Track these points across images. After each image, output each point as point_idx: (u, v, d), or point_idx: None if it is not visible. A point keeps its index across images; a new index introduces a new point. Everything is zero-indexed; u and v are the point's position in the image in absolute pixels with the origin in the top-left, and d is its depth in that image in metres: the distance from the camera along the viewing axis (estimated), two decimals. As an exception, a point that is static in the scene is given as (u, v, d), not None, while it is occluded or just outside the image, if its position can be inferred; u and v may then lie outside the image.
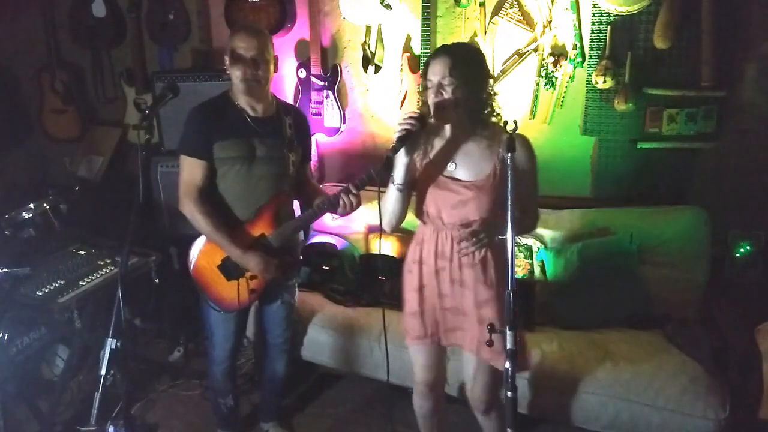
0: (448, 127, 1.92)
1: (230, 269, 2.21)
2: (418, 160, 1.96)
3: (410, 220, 2.08)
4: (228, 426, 2.61)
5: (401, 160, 1.88)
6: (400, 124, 1.83)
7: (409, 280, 2.04)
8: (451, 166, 1.91)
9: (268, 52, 2.15)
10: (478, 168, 1.88)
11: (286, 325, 2.49)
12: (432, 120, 1.86)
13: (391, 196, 1.95)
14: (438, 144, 1.94)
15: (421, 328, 2.03)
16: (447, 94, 1.79)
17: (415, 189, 1.98)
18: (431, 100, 1.83)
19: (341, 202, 2.11)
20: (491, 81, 1.91)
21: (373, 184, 2.00)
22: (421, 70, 2.84)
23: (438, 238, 1.94)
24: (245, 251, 2.15)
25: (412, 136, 1.83)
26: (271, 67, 2.18)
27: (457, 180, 1.89)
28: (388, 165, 1.90)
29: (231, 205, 2.20)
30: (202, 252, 2.25)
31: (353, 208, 2.12)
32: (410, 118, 1.82)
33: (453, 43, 2.03)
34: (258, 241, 2.19)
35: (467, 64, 1.81)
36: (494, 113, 1.89)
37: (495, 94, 1.89)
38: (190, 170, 2.17)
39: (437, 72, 1.80)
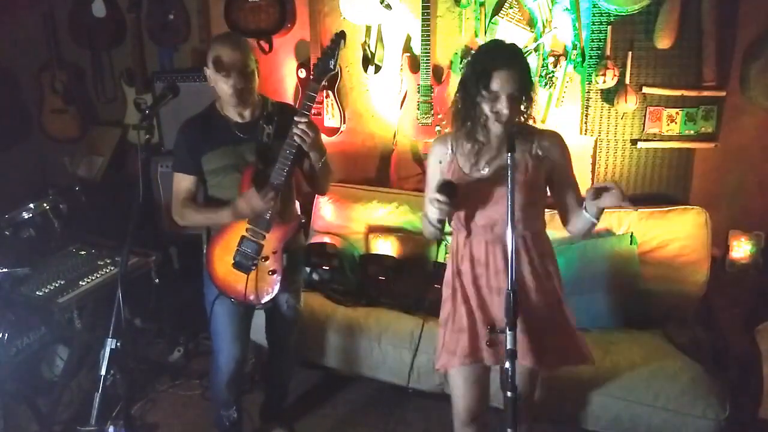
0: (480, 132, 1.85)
1: (242, 263, 2.19)
2: (448, 168, 1.88)
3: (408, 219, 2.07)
4: None
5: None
6: (431, 215, 1.80)
7: (453, 296, 1.93)
8: (485, 170, 1.85)
9: (253, 59, 2.12)
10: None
11: (291, 330, 2.47)
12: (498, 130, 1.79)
13: (428, 228, 1.91)
14: (468, 149, 1.87)
15: (470, 345, 1.86)
16: (515, 107, 1.73)
17: None
18: (503, 110, 1.72)
19: (296, 138, 2.02)
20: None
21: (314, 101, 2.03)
22: (426, 58, 2.82)
23: (472, 244, 1.88)
24: (232, 204, 2.12)
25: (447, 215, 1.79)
26: (257, 72, 2.15)
27: (488, 179, 1.84)
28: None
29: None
30: (214, 262, 2.23)
31: (309, 135, 2.02)
32: (443, 203, 1.73)
33: (510, 45, 1.91)
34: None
35: (527, 75, 1.75)
36: (531, 117, 1.85)
37: (535, 100, 1.84)
38: (180, 184, 2.21)
39: (505, 87, 1.70)
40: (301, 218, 2.36)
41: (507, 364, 1.52)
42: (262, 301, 2.22)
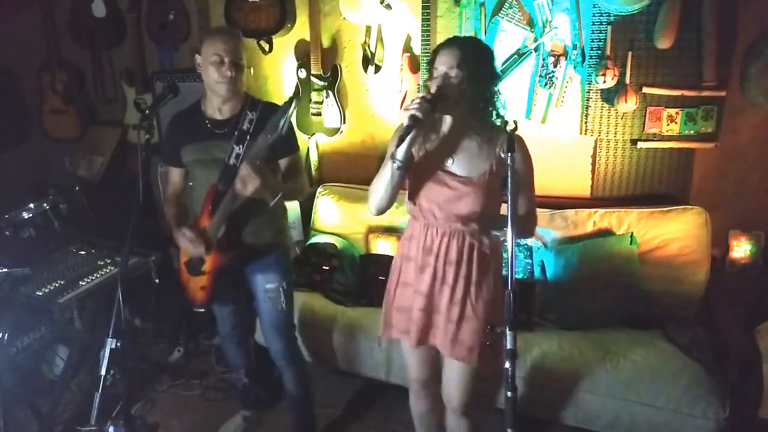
0: (448, 122, 1.89)
1: (191, 265, 2.28)
2: (416, 151, 1.91)
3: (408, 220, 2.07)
4: (245, 405, 2.72)
5: (408, 137, 1.76)
6: (409, 108, 1.71)
7: (397, 276, 2.04)
8: (448, 162, 1.88)
9: (243, 52, 2.16)
10: (475, 164, 1.85)
11: (275, 328, 2.37)
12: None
13: (387, 175, 1.84)
14: (437, 137, 1.91)
15: (408, 323, 1.98)
16: (455, 88, 1.76)
17: (409, 180, 1.93)
18: (434, 87, 1.78)
19: (237, 186, 2.00)
20: (498, 80, 1.87)
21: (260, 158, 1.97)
22: (426, 58, 2.86)
23: (428, 233, 1.92)
24: (179, 228, 2.21)
25: (422, 121, 1.72)
26: (245, 66, 2.18)
27: (453, 175, 1.87)
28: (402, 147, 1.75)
29: (192, 203, 2.33)
30: (181, 254, 2.35)
31: (249, 183, 1.96)
32: (423, 99, 1.71)
33: (465, 36, 1.98)
34: (202, 233, 2.21)
35: (476, 60, 1.78)
36: (498, 113, 1.86)
37: (500, 94, 1.86)
38: (172, 177, 2.36)
39: (445, 62, 1.77)
40: (235, 257, 2.26)
41: (507, 364, 1.51)
42: (196, 307, 2.35)
